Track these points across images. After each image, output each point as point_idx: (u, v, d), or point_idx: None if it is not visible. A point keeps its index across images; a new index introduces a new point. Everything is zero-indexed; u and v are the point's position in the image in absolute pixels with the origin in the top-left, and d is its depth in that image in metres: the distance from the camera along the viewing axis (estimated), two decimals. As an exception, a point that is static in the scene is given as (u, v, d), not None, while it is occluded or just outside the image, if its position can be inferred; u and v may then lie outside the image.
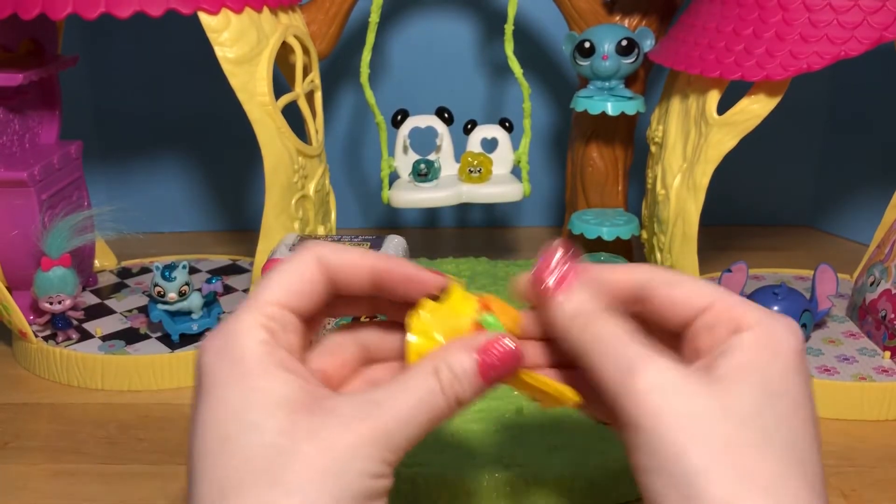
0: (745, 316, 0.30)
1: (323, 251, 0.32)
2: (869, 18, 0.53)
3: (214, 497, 0.27)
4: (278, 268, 0.32)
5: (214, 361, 0.29)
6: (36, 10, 0.54)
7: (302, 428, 0.28)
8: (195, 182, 0.89)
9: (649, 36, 0.66)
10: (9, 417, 0.56)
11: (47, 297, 0.60)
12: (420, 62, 0.84)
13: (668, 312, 0.32)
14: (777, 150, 0.86)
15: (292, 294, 0.31)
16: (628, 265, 0.33)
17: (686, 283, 0.32)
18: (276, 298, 0.31)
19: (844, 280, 0.70)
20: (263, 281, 0.32)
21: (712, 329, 0.30)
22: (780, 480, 0.27)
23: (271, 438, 0.27)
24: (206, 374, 0.29)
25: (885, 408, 0.55)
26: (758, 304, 0.31)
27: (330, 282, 0.32)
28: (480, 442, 0.49)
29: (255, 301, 0.31)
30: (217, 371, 0.29)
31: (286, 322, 0.31)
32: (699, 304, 0.31)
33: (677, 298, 0.32)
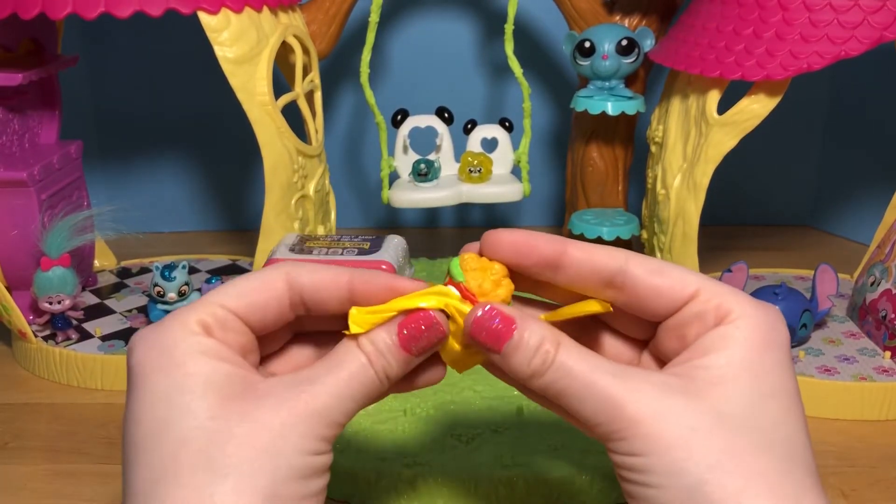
0: (731, 306, 0.30)
1: (295, 270, 0.32)
2: (869, 18, 0.53)
3: (147, 485, 0.27)
4: (240, 276, 0.32)
5: (144, 353, 0.29)
6: (36, 9, 0.54)
7: (234, 411, 0.28)
8: (195, 182, 0.89)
9: (649, 36, 0.66)
10: (8, 417, 0.56)
11: (47, 297, 0.60)
12: (420, 62, 0.84)
13: (652, 302, 0.31)
14: (777, 149, 0.86)
15: (246, 304, 0.31)
16: (607, 249, 0.32)
17: (669, 272, 0.31)
18: (223, 302, 0.30)
19: (845, 280, 0.70)
20: (223, 284, 0.31)
21: (699, 319, 0.30)
22: (782, 478, 0.27)
23: (203, 422, 0.27)
24: (136, 366, 0.29)
25: (886, 408, 0.55)
26: (741, 292, 0.30)
27: (298, 302, 0.32)
28: (480, 442, 0.49)
29: (199, 301, 0.31)
30: (147, 362, 0.29)
31: (227, 322, 0.30)
32: (684, 294, 0.31)
33: (662, 288, 0.31)
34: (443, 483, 0.46)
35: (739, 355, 0.29)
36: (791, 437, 0.28)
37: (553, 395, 0.30)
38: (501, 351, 0.30)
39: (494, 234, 0.32)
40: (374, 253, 0.53)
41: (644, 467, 0.28)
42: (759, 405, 0.28)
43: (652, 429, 0.28)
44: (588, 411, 0.29)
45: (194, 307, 0.30)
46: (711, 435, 0.27)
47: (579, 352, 0.30)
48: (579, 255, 0.32)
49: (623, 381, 0.29)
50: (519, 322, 0.30)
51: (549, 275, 0.32)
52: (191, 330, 0.29)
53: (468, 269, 0.32)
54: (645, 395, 0.28)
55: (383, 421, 0.51)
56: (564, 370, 0.29)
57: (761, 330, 0.29)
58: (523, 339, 0.30)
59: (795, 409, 0.29)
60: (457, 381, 0.55)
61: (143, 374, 0.29)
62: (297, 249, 0.54)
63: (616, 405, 0.28)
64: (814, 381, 0.55)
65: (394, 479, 0.46)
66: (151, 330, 0.30)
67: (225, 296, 0.31)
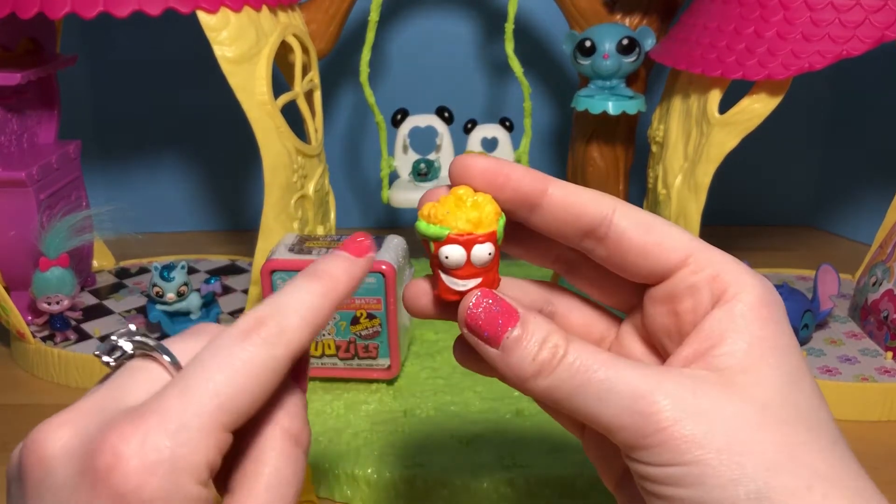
0: (727, 278, 0.27)
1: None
2: (871, 17, 0.52)
3: None
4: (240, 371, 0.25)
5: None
6: (34, 9, 0.54)
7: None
8: (194, 182, 0.89)
9: (650, 35, 0.66)
10: (7, 418, 0.56)
11: (45, 297, 0.60)
12: (420, 62, 0.84)
13: (635, 261, 0.28)
14: (779, 149, 0.85)
15: (257, 400, 0.25)
16: (594, 194, 0.28)
17: (659, 229, 0.27)
18: (243, 407, 0.25)
19: (846, 280, 0.70)
20: (232, 377, 0.24)
21: (692, 293, 0.27)
22: (839, 468, 0.25)
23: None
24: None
25: (887, 408, 0.55)
26: (731, 258, 0.27)
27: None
28: (480, 442, 0.49)
29: (221, 406, 0.24)
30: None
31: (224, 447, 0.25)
32: (672, 258, 0.27)
33: (648, 246, 0.27)
34: (443, 483, 0.46)
35: (758, 335, 0.26)
36: (825, 417, 0.26)
37: (563, 397, 0.26)
38: (500, 344, 0.27)
39: (463, 159, 0.28)
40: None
41: (685, 480, 0.24)
42: (792, 388, 0.26)
43: (694, 431, 0.24)
44: (609, 413, 0.25)
45: (203, 440, 0.24)
46: (762, 430, 0.24)
47: (594, 349, 0.26)
48: (562, 196, 0.28)
49: (652, 377, 0.25)
50: (522, 311, 0.27)
51: (524, 214, 0.28)
52: (201, 479, 0.24)
53: (439, 216, 0.27)
54: (680, 391, 0.25)
55: (383, 422, 0.51)
56: (579, 367, 0.26)
57: (767, 303, 0.26)
58: (527, 330, 0.27)
59: (816, 386, 0.27)
60: (457, 382, 0.55)
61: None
62: (297, 250, 0.54)
63: (646, 405, 0.25)
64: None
65: (394, 480, 0.46)
66: (160, 471, 0.23)
67: (217, 407, 0.24)
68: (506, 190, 0.28)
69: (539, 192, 0.28)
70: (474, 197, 0.27)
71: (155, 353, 0.26)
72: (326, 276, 0.27)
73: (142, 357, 0.26)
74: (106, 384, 0.26)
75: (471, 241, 0.27)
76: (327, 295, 0.27)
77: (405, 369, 0.57)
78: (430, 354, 0.59)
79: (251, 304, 0.60)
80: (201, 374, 0.24)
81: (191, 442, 0.23)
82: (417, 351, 0.59)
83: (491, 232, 0.27)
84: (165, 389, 0.24)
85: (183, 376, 0.24)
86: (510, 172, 0.28)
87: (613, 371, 0.25)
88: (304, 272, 0.28)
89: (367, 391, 0.54)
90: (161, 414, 0.23)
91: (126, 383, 0.25)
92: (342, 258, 0.28)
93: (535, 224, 0.28)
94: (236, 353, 0.25)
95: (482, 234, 0.27)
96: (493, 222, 0.27)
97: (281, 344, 0.25)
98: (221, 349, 0.25)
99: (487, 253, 0.27)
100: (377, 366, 0.54)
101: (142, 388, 0.25)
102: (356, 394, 0.54)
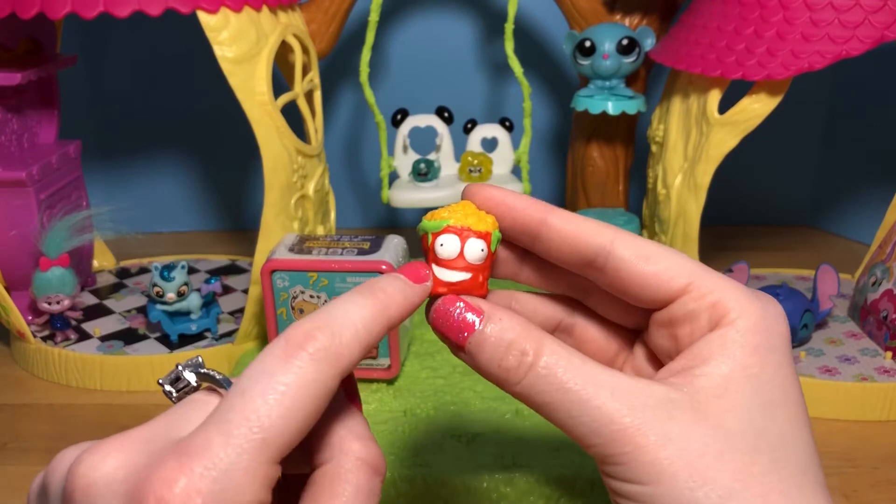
0: (727, 304, 0.27)
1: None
2: (870, 17, 0.53)
3: None
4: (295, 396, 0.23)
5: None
6: (34, 9, 0.54)
7: None
8: (194, 182, 0.89)
9: (650, 35, 0.66)
10: (7, 418, 0.56)
11: (46, 297, 0.60)
12: (420, 62, 0.84)
13: (637, 290, 0.28)
14: (778, 149, 0.85)
15: (304, 427, 0.24)
16: (593, 224, 0.28)
17: (658, 259, 0.28)
18: (289, 438, 0.23)
19: (846, 280, 0.70)
20: (275, 407, 0.23)
21: (690, 319, 0.27)
22: (800, 497, 0.25)
23: None
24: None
25: (887, 408, 0.55)
26: (737, 284, 0.28)
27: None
28: (480, 442, 0.49)
29: (266, 441, 0.23)
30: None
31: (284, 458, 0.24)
32: (673, 287, 0.27)
33: (647, 276, 0.27)
34: (443, 484, 0.46)
35: (741, 361, 0.26)
36: (799, 447, 0.26)
37: (536, 406, 0.27)
38: (465, 347, 0.27)
39: (473, 187, 0.29)
40: (374, 253, 0.53)
41: (646, 498, 0.25)
42: (765, 416, 0.26)
43: (656, 455, 0.25)
44: (581, 430, 0.26)
45: (249, 481, 0.22)
46: (722, 458, 0.25)
47: (568, 356, 0.26)
48: (560, 226, 0.28)
49: (623, 398, 0.25)
50: (487, 312, 0.27)
51: (526, 242, 0.29)
52: (264, 484, 0.23)
53: (442, 215, 0.28)
54: (648, 415, 0.25)
55: (383, 421, 0.51)
56: (551, 380, 0.26)
57: (761, 330, 0.27)
58: (488, 332, 0.27)
59: (800, 415, 0.27)
60: (457, 381, 0.55)
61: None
62: (297, 249, 0.54)
63: (616, 427, 0.25)
64: (815, 382, 0.55)
65: (394, 480, 0.46)
66: (212, 482, 0.22)
67: (287, 428, 0.23)
68: (506, 219, 0.29)
69: (538, 223, 0.28)
70: (478, 211, 0.29)
71: (221, 387, 0.25)
72: (382, 294, 0.26)
73: (206, 390, 0.25)
74: (165, 415, 0.25)
75: (466, 234, 0.28)
76: (382, 313, 0.26)
77: (405, 369, 0.57)
78: (430, 354, 0.59)
79: (251, 304, 0.60)
80: (242, 407, 0.23)
81: (235, 484, 0.22)
82: (417, 351, 0.59)
83: (486, 231, 0.28)
84: (207, 424, 0.23)
85: (224, 409, 0.23)
86: (511, 203, 0.29)
87: (585, 386, 0.26)
88: (357, 288, 0.26)
89: (367, 391, 0.54)
90: (205, 454, 0.22)
91: (184, 416, 0.24)
92: (400, 280, 0.27)
93: (539, 253, 0.29)
94: (279, 377, 0.23)
95: (477, 231, 0.28)
96: (490, 228, 0.28)
97: (329, 360, 0.24)
98: (264, 375, 0.23)
99: (480, 249, 0.28)
100: (377, 366, 0.55)
101: (198, 422, 0.24)
102: (356, 394, 0.54)
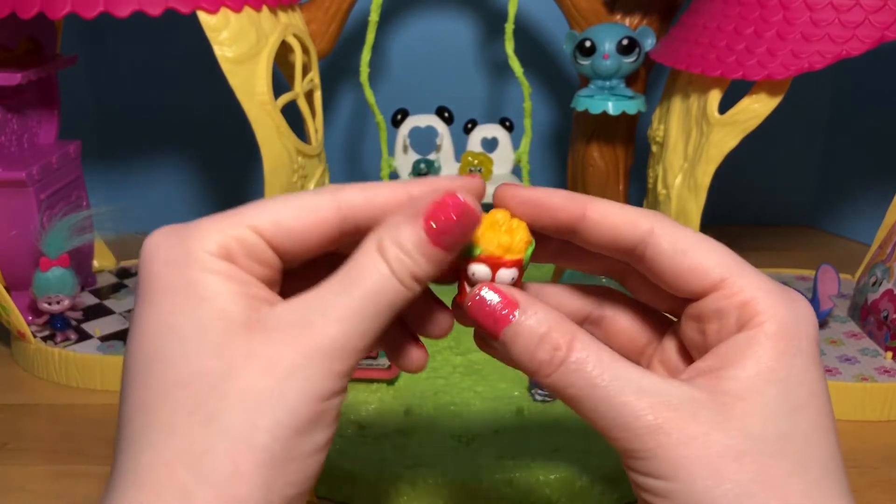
0: (758, 305, 0.27)
1: (347, 196, 0.28)
2: (871, 17, 0.52)
3: (137, 428, 0.25)
4: (284, 196, 0.27)
5: (157, 263, 0.26)
6: (34, 9, 0.54)
7: (240, 349, 0.25)
8: (194, 182, 0.89)
9: (650, 35, 0.66)
10: (7, 418, 0.56)
11: (46, 297, 0.60)
12: (420, 62, 0.84)
13: (674, 282, 0.28)
14: (779, 149, 0.85)
15: (284, 233, 0.27)
16: (632, 213, 0.29)
17: (695, 253, 0.28)
18: (258, 223, 0.27)
19: (846, 280, 0.70)
20: (260, 201, 0.28)
21: (719, 316, 0.28)
22: (818, 496, 0.25)
23: (205, 362, 0.25)
24: (146, 280, 0.26)
25: (887, 408, 0.55)
26: (770, 282, 0.28)
27: (350, 230, 0.28)
28: (481, 443, 0.49)
29: (231, 216, 0.27)
30: (159, 278, 0.26)
31: (255, 252, 0.27)
32: (708, 282, 0.28)
33: (682, 270, 0.28)
34: (443, 484, 0.46)
35: (767, 365, 0.26)
36: (823, 452, 0.26)
37: (564, 398, 0.27)
38: (500, 337, 0.28)
39: (504, 192, 0.29)
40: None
41: (667, 493, 0.26)
42: (790, 420, 0.26)
43: (677, 453, 0.25)
44: (606, 424, 0.27)
45: (219, 223, 0.26)
46: (742, 460, 0.25)
47: (598, 352, 0.27)
48: (600, 219, 0.29)
49: (648, 397, 0.26)
50: (523, 304, 0.28)
51: (566, 236, 0.30)
52: (208, 249, 0.26)
53: (475, 234, 0.29)
54: (672, 414, 0.26)
55: (383, 422, 0.51)
56: (580, 375, 0.27)
57: (789, 334, 0.27)
58: (524, 324, 0.27)
59: (826, 419, 0.27)
60: (457, 381, 0.55)
61: (150, 291, 0.26)
62: (297, 249, 0.54)
63: (640, 424, 0.26)
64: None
65: (394, 480, 0.46)
66: (166, 236, 0.27)
67: (260, 217, 0.27)
68: (544, 219, 0.29)
69: (577, 218, 0.29)
70: (509, 222, 0.29)
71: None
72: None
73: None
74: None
75: (498, 265, 0.29)
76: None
77: (405, 369, 0.57)
78: (430, 354, 0.59)
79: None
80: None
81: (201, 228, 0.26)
82: (417, 351, 0.59)
83: (518, 259, 0.29)
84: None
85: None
86: (547, 203, 0.29)
87: (613, 383, 0.26)
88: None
89: (367, 391, 0.54)
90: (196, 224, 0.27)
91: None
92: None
93: (579, 244, 0.30)
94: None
95: (509, 260, 0.29)
96: (522, 250, 0.29)
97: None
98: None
99: (511, 278, 0.29)
100: (377, 366, 0.55)
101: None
102: (356, 394, 0.54)
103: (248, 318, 0.25)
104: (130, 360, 0.26)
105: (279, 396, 0.24)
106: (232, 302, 0.25)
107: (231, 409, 0.24)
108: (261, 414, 0.24)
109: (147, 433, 0.25)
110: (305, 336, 0.25)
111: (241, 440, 0.24)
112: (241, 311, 0.25)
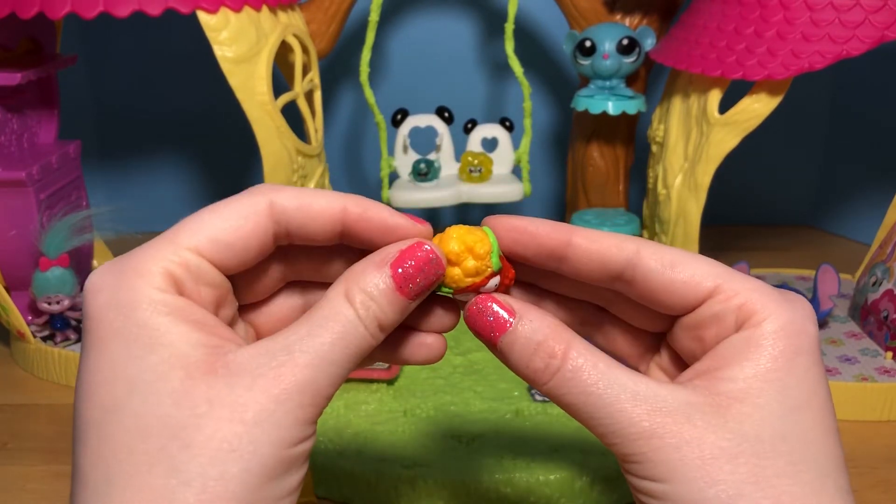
0: (755, 306, 0.27)
1: (279, 197, 0.28)
2: (871, 17, 0.52)
3: (99, 481, 0.23)
4: (215, 208, 0.27)
5: (100, 310, 0.25)
6: (34, 9, 0.54)
7: (202, 395, 0.24)
8: (194, 182, 0.89)
9: (650, 35, 0.66)
10: (7, 418, 0.56)
11: (45, 297, 0.60)
12: (420, 62, 0.84)
13: (665, 298, 0.28)
14: (779, 149, 0.85)
15: (223, 247, 0.27)
16: (616, 238, 0.29)
17: (685, 265, 0.28)
18: (196, 244, 0.26)
19: (846, 280, 0.70)
20: (190, 218, 0.27)
21: (717, 320, 0.28)
22: (813, 496, 0.25)
23: (166, 410, 0.23)
24: (91, 325, 0.25)
25: (887, 408, 0.55)
26: (766, 286, 0.28)
27: (282, 234, 0.28)
28: (480, 443, 0.49)
29: (168, 242, 0.26)
30: (104, 323, 0.25)
31: (201, 273, 0.26)
32: (700, 291, 0.28)
33: (676, 284, 0.28)
34: (443, 484, 0.46)
35: (765, 366, 0.26)
36: (821, 452, 0.26)
37: (561, 405, 0.28)
38: (497, 345, 0.28)
39: (493, 220, 0.30)
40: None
41: (663, 494, 0.26)
42: (787, 421, 0.26)
43: (672, 455, 0.26)
44: (603, 430, 0.27)
45: (159, 251, 0.26)
46: (736, 461, 0.25)
47: (594, 360, 0.27)
48: (585, 245, 0.29)
49: (643, 403, 0.26)
50: (519, 312, 0.28)
51: (554, 265, 0.29)
52: (156, 285, 0.25)
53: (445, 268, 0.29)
54: (667, 419, 0.26)
55: (383, 422, 0.51)
56: (576, 382, 0.27)
57: (788, 333, 0.27)
58: (518, 333, 0.28)
59: (826, 419, 0.27)
60: (457, 381, 0.55)
61: (98, 338, 0.25)
62: (297, 249, 0.54)
63: (635, 430, 0.26)
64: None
65: (394, 481, 0.46)
66: (108, 276, 0.25)
67: (196, 237, 0.26)
68: (531, 247, 0.29)
69: (563, 246, 0.29)
70: (467, 242, 0.28)
71: None
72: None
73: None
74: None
75: (476, 288, 0.29)
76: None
77: (405, 369, 0.57)
78: (430, 354, 0.59)
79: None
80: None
81: (144, 260, 0.26)
82: (417, 351, 0.59)
83: (489, 274, 0.29)
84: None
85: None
86: (534, 230, 0.29)
87: (608, 390, 0.26)
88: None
89: (367, 391, 0.54)
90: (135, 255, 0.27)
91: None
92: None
93: (566, 273, 0.30)
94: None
95: (483, 278, 0.29)
96: (489, 264, 0.29)
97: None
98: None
99: (494, 285, 0.29)
100: (377, 366, 0.54)
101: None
102: (356, 394, 0.54)
103: (208, 363, 0.24)
104: (83, 410, 0.24)
105: (248, 443, 0.24)
106: (189, 345, 0.24)
107: (196, 459, 0.23)
108: (230, 462, 0.23)
109: (107, 489, 0.23)
110: (273, 381, 0.24)
111: (208, 491, 0.23)
112: (200, 355, 0.24)
